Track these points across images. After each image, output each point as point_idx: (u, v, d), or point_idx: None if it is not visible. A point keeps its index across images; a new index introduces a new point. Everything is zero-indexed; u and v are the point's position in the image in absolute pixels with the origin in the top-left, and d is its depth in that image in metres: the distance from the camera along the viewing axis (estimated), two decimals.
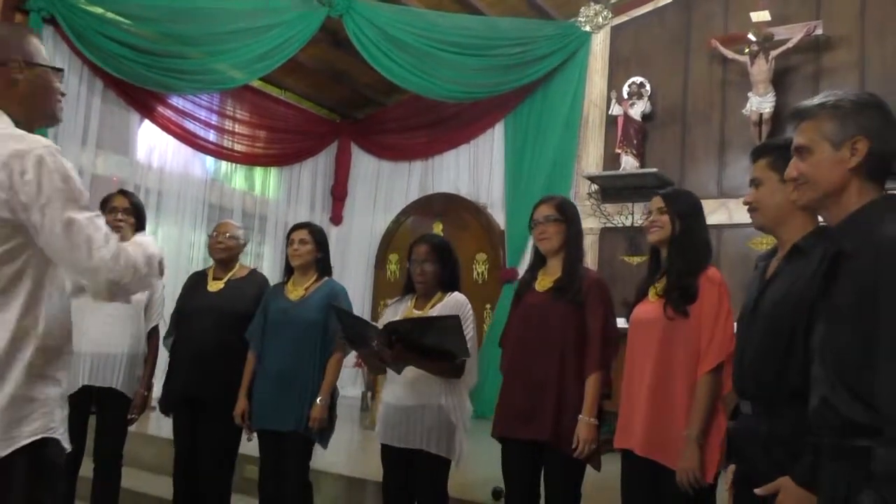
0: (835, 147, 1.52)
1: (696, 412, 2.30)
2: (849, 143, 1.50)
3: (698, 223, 2.52)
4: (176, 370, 3.43)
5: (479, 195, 7.61)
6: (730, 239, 6.09)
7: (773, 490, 1.61)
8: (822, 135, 1.53)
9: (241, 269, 3.58)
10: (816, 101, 1.58)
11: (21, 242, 1.51)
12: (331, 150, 8.63)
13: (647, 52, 6.78)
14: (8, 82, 1.65)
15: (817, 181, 1.54)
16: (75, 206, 1.54)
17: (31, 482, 1.46)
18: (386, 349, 2.74)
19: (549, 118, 7.00)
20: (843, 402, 1.39)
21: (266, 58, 6.44)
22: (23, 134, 1.58)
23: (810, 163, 1.55)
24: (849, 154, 1.50)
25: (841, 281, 1.45)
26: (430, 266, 2.98)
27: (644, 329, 2.47)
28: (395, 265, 7.95)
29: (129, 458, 3.56)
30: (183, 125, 7.03)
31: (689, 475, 2.24)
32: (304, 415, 3.11)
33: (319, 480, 3.39)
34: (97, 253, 1.53)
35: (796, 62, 6.05)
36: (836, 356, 1.44)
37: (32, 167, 1.51)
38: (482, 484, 3.70)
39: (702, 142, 6.43)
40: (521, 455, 2.72)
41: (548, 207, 2.81)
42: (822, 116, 1.54)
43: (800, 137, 1.58)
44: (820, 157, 1.54)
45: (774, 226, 1.94)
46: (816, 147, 1.54)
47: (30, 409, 1.48)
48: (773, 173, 1.91)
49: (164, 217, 6.93)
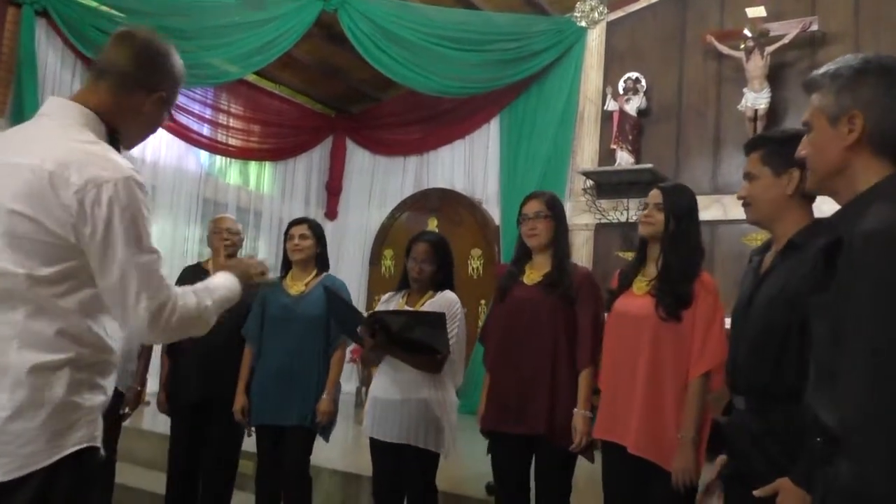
0: (831, 123, 1.37)
1: (689, 415, 2.31)
2: (845, 118, 1.35)
3: (693, 224, 2.51)
4: (187, 371, 3.36)
5: (475, 191, 7.60)
6: (724, 235, 6.10)
7: (772, 492, 1.59)
8: (820, 109, 1.40)
9: None
10: (821, 70, 1.43)
11: (81, 263, 1.48)
12: (325, 144, 8.61)
13: (643, 47, 6.77)
14: (139, 108, 1.63)
15: (818, 161, 1.41)
16: (138, 248, 1.50)
17: (72, 491, 1.44)
18: (368, 337, 2.78)
19: (545, 114, 6.98)
20: (821, 407, 1.29)
21: (260, 52, 6.42)
22: (108, 157, 1.51)
23: (811, 141, 1.43)
24: (846, 131, 1.35)
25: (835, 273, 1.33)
26: (428, 266, 2.99)
27: (632, 324, 2.46)
28: (389, 261, 7.94)
29: (122, 453, 3.56)
30: (177, 119, 7.00)
31: (686, 476, 2.26)
32: (308, 409, 3.12)
33: (315, 476, 3.40)
34: (143, 301, 1.49)
35: (792, 58, 6.05)
36: (815, 356, 1.36)
37: (107, 203, 1.45)
38: (475, 479, 3.71)
39: (697, 137, 6.43)
40: (512, 449, 2.73)
41: (538, 203, 2.82)
42: (822, 87, 1.41)
43: (806, 112, 1.45)
44: (818, 135, 1.40)
45: (768, 221, 1.91)
46: (815, 123, 1.41)
47: (76, 416, 1.46)
48: (765, 168, 1.88)
49: (158, 212, 6.90)
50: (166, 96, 1.66)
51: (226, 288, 1.77)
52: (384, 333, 2.78)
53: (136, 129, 1.67)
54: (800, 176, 1.79)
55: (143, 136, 1.73)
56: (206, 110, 7.37)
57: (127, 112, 1.61)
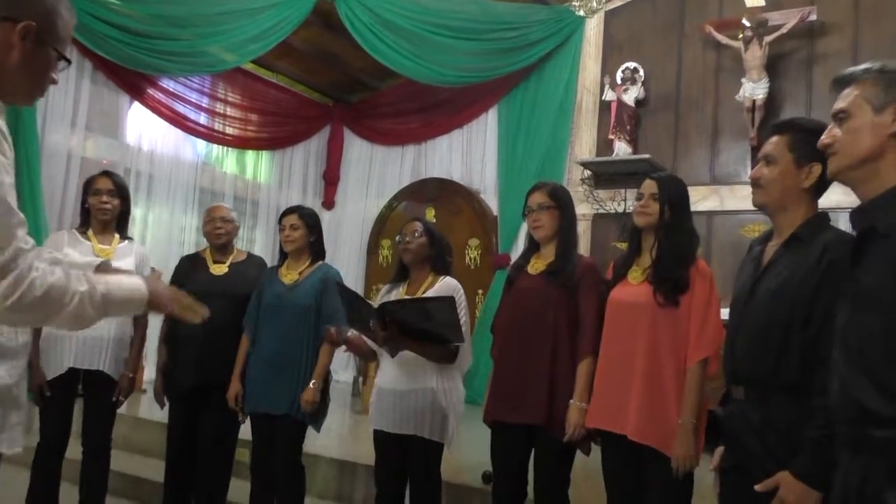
0: (876, 111, 1.41)
1: (689, 401, 2.32)
2: (892, 107, 1.40)
3: (686, 212, 2.52)
4: (185, 357, 3.33)
5: (472, 180, 7.58)
6: (721, 225, 6.10)
7: (773, 485, 1.59)
8: (864, 98, 1.44)
9: (239, 252, 3.57)
10: (861, 67, 1.48)
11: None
12: (323, 133, 8.58)
13: (641, 37, 6.75)
14: (7, 45, 1.36)
15: (853, 146, 1.43)
16: None
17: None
18: (380, 330, 2.72)
19: (543, 103, 6.96)
20: (863, 391, 1.32)
21: (258, 40, 6.38)
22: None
23: (848, 127, 1.45)
24: (890, 119, 1.40)
25: (871, 261, 1.36)
26: (419, 237, 2.98)
27: (629, 312, 2.46)
28: (387, 250, 7.93)
29: (119, 441, 3.56)
30: (174, 108, 6.97)
31: (687, 462, 2.27)
32: (297, 398, 3.12)
33: (311, 464, 3.41)
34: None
35: (790, 48, 6.03)
36: (861, 343, 1.35)
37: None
38: (473, 468, 3.72)
39: (695, 128, 6.43)
40: (511, 439, 2.72)
41: (541, 195, 2.81)
42: (866, 80, 1.45)
43: (840, 102, 1.49)
44: (859, 120, 1.43)
45: (776, 208, 1.88)
46: (857, 111, 1.44)
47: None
48: (790, 154, 1.84)
49: (155, 201, 6.88)
50: (42, 27, 1.39)
51: (128, 290, 1.52)
52: (395, 325, 2.72)
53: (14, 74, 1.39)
54: (820, 172, 1.77)
55: (28, 85, 1.44)
56: (203, 99, 7.33)
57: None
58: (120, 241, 3.36)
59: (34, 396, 3.19)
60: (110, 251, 3.28)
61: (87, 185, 3.38)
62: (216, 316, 3.33)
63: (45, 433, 3.20)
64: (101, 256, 3.23)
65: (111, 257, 3.25)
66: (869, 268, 1.35)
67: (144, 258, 3.42)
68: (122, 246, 3.35)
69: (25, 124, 5.62)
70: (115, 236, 3.36)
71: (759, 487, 1.62)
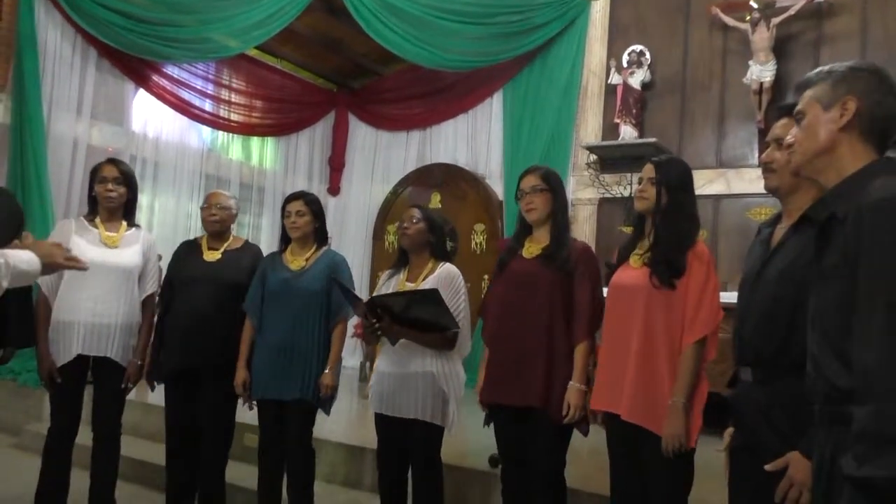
0: (825, 108, 1.53)
1: (681, 381, 2.32)
2: (839, 103, 1.52)
3: (687, 195, 2.50)
4: (171, 340, 3.36)
5: (478, 165, 7.57)
6: (728, 209, 6.07)
7: (783, 465, 1.61)
8: (815, 98, 1.56)
9: (235, 240, 3.56)
10: (815, 70, 1.61)
11: None
12: (328, 119, 8.57)
13: (647, 19, 6.70)
14: None
15: (808, 141, 1.55)
16: None
17: None
18: (374, 322, 2.83)
19: (548, 87, 6.92)
20: (830, 367, 1.40)
21: (261, 26, 6.37)
22: None
23: (803, 125, 1.57)
24: (838, 115, 1.51)
25: (832, 245, 1.44)
26: (418, 223, 3.03)
27: (627, 295, 2.47)
28: (392, 236, 7.93)
29: (129, 426, 3.59)
30: (178, 94, 6.97)
31: (675, 441, 2.27)
32: (309, 383, 3.14)
33: (319, 448, 3.43)
34: None
35: (797, 30, 5.98)
36: (822, 319, 1.45)
37: None
38: (480, 451, 3.74)
39: (701, 111, 6.39)
40: (510, 421, 2.75)
41: (534, 178, 2.83)
42: (817, 82, 1.57)
43: (798, 104, 1.60)
44: (811, 119, 1.55)
45: (787, 191, 1.92)
46: (809, 110, 1.56)
47: None
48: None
49: (161, 188, 6.90)
50: None
51: (25, 262, 1.75)
52: (388, 316, 2.82)
53: None
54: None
55: None
56: (208, 85, 7.33)
57: None
58: (127, 229, 3.37)
59: (45, 383, 3.22)
60: (117, 238, 3.29)
61: (93, 173, 3.39)
62: (201, 302, 3.41)
63: (56, 420, 3.23)
64: (108, 244, 3.26)
65: (118, 245, 3.27)
66: (831, 250, 1.45)
67: (152, 245, 3.44)
68: (130, 233, 3.37)
69: (31, 113, 5.63)
70: (123, 223, 3.37)
71: (768, 467, 1.64)
